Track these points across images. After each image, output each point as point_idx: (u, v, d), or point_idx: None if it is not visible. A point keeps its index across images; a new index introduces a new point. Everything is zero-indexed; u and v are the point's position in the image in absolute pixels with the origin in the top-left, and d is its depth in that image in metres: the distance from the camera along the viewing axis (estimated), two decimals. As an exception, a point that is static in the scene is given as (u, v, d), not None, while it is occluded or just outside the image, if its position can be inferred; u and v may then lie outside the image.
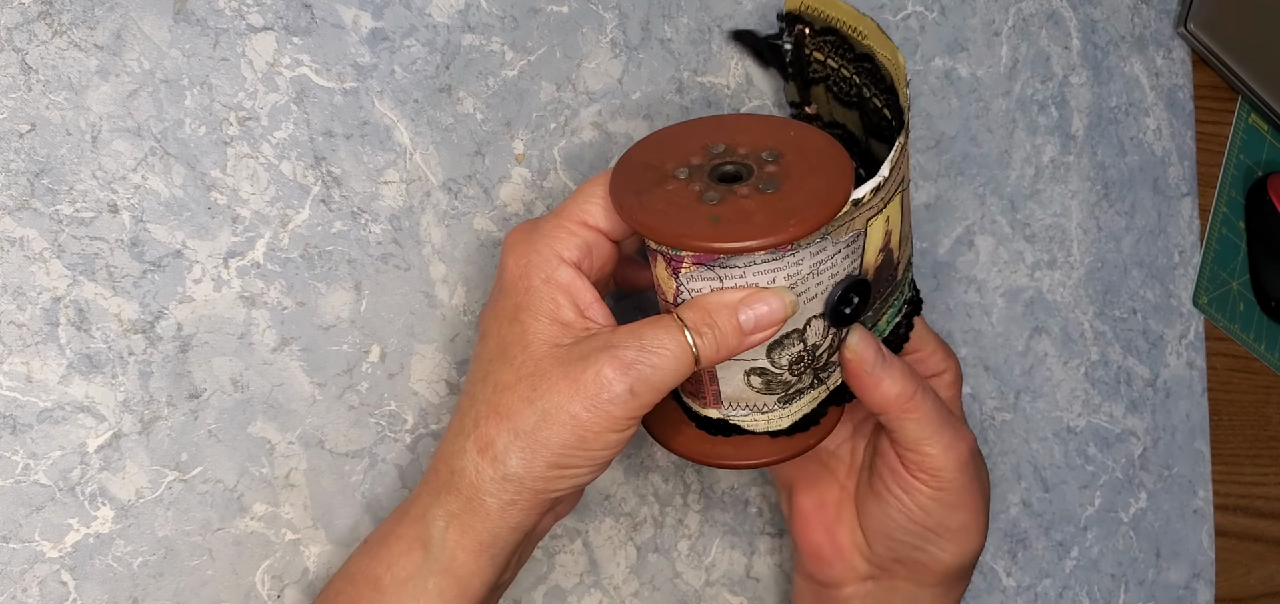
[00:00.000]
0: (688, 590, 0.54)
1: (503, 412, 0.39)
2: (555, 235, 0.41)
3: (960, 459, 0.44)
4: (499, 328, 0.41)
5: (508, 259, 0.41)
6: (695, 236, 0.38)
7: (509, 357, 0.40)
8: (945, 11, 0.62)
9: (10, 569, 0.42)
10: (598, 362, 0.38)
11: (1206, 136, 0.71)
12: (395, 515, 0.41)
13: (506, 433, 0.39)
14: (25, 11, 0.43)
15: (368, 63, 0.48)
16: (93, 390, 0.43)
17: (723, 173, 0.41)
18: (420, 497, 0.41)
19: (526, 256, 0.41)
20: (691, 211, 0.39)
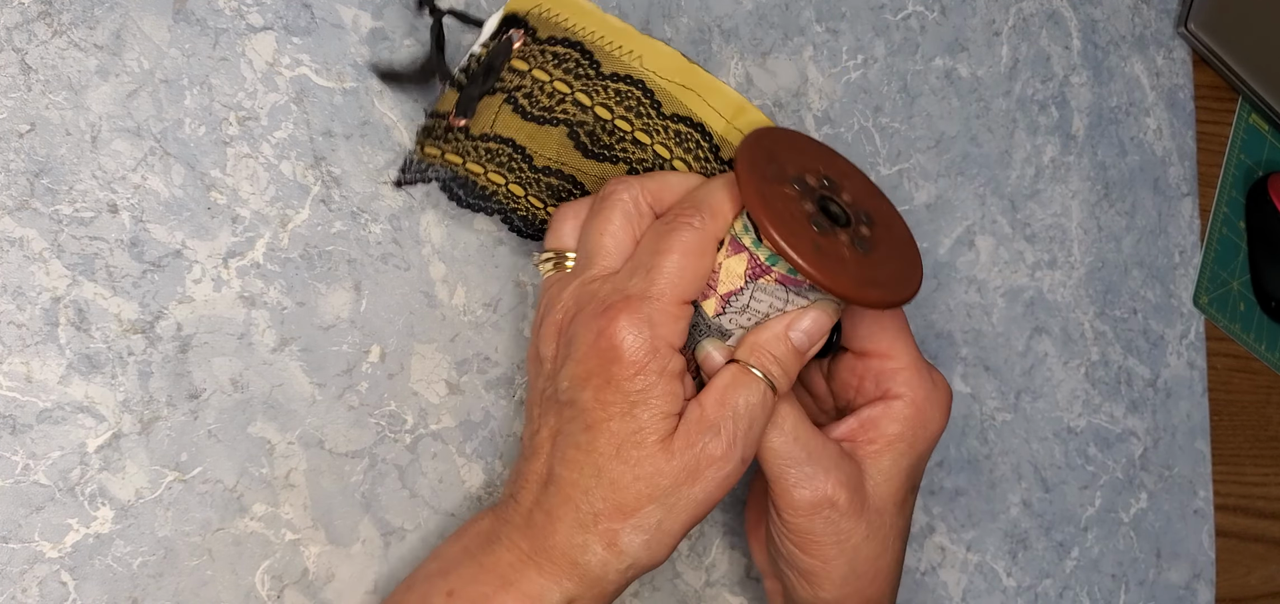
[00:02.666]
0: (688, 590, 0.54)
1: (627, 511, 0.40)
2: (671, 324, 0.40)
3: (797, 503, 0.42)
4: (610, 421, 0.40)
5: (625, 345, 0.39)
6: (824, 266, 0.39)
7: (624, 455, 0.40)
8: (945, 11, 0.62)
9: (10, 569, 0.42)
10: (707, 448, 0.40)
11: (1207, 136, 0.71)
12: (492, 576, 0.40)
13: (632, 530, 0.40)
14: (25, 11, 0.43)
15: (368, 62, 0.48)
16: (92, 390, 0.43)
17: (829, 209, 0.42)
18: (531, 576, 0.40)
19: (644, 347, 0.39)
20: (803, 231, 0.40)
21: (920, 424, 0.44)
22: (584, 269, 0.43)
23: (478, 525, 0.43)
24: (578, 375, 0.41)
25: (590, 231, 0.43)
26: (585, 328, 0.41)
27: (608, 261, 0.42)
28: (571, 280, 0.43)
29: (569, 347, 0.41)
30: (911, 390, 0.44)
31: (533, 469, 0.42)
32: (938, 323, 0.61)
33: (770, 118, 0.54)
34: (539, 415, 0.43)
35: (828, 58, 0.59)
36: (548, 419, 0.42)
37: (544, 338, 0.43)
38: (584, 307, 0.41)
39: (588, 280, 0.42)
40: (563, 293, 0.43)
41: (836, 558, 0.43)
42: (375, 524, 0.47)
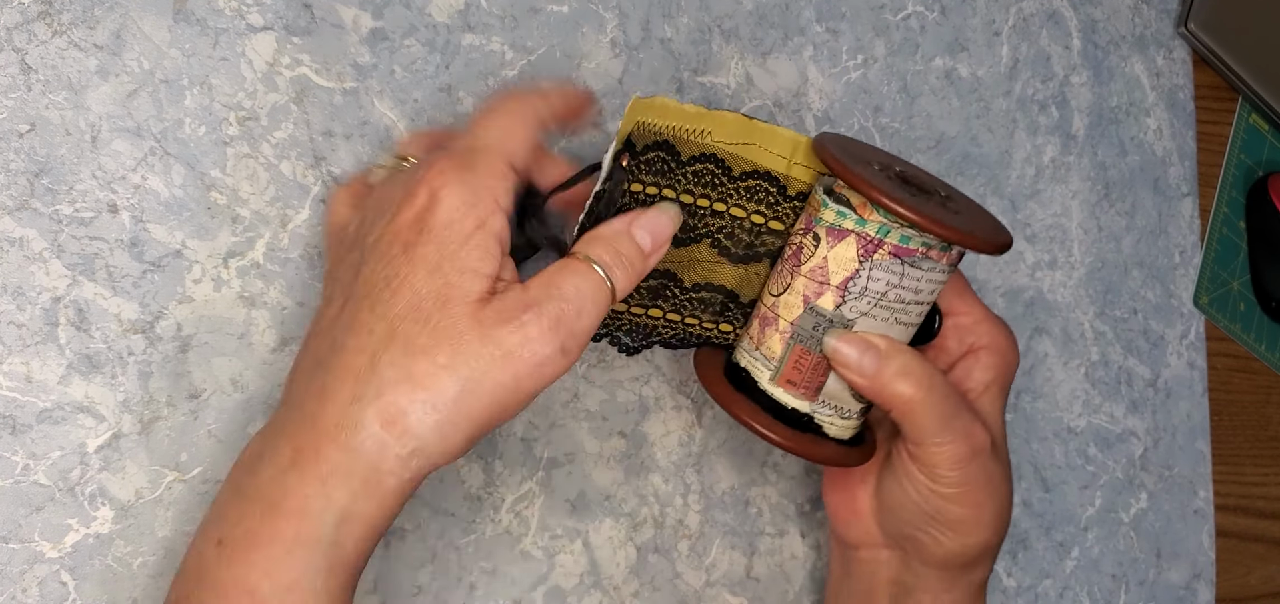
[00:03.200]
0: (688, 591, 0.54)
1: (417, 380, 0.34)
2: (493, 180, 0.36)
3: (958, 456, 0.44)
4: (415, 276, 0.35)
5: (443, 194, 0.36)
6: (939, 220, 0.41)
7: (424, 314, 0.35)
8: (945, 11, 0.62)
9: (10, 569, 0.42)
10: (523, 325, 0.35)
11: (1207, 136, 0.71)
12: (256, 505, 0.35)
13: (422, 405, 0.34)
14: (25, 11, 0.43)
15: (368, 63, 0.48)
16: (92, 390, 0.43)
17: (908, 183, 0.44)
18: (292, 485, 0.34)
19: (466, 195, 0.36)
20: (903, 194, 0.42)
21: (1005, 364, 0.47)
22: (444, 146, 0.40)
23: (248, 447, 0.37)
24: (386, 232, 0.36)
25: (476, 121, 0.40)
26: (401, 186, 0.37)
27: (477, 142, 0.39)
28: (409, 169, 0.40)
29: (381, 206, 0.38)
30: (991, 337, 0.47)
31: (309, 350, 0.37)
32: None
33: (772, 120, 0.54)
34: (333, 293, 0.38)
35: (828, 58, 0.59)
36: (340, 290, 0.38)
37: (351, 207, 0.40)
38: (403, 174, 0.39)
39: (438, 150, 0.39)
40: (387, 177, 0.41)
41: (988, 501, 0.45)
42: (375, 524, 0.47)
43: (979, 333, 0.47)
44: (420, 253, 0.35)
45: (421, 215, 0.36)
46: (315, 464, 0.34)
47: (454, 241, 0.35)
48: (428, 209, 0.36)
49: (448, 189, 0.36)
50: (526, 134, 0.39)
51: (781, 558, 0.56)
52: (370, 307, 0.35)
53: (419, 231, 0.36)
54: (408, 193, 0.37)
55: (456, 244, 0.35)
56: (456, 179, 0.36)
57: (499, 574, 0.49)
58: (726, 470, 0.55)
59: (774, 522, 0.56)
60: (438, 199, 0.36)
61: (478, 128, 0.39)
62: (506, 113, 0.39)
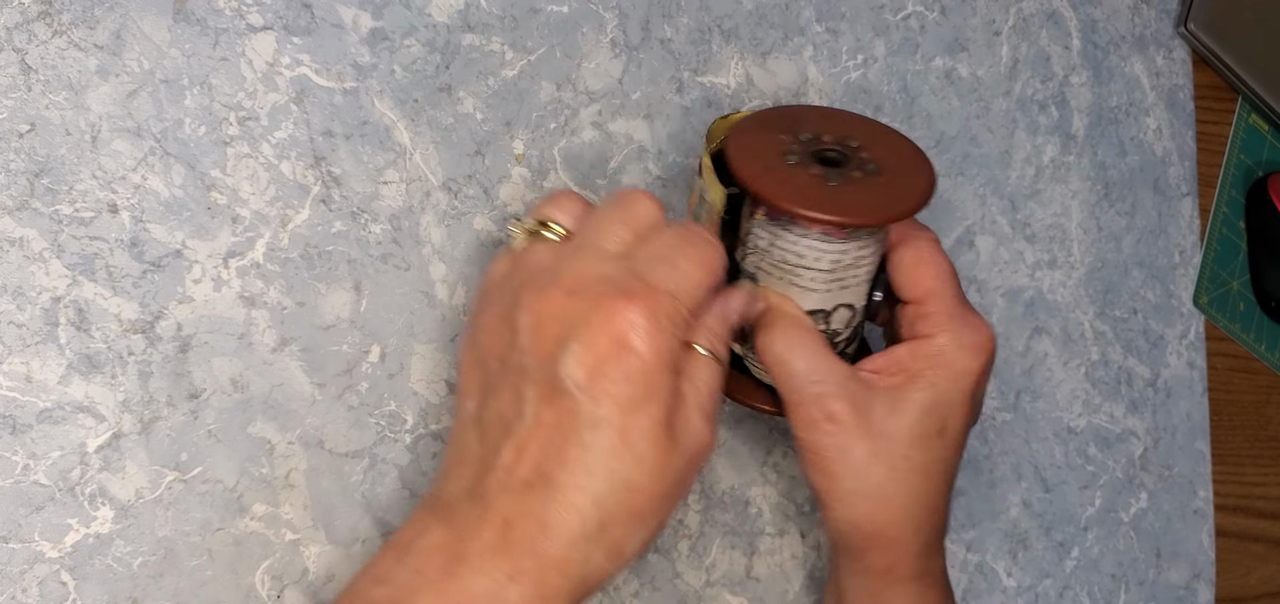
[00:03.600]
0: (688, 590, 0.54)
1: (639, 515, 0.37)
2: (683, 327, 0.39)
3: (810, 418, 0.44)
4: (623, 421, 0.37)
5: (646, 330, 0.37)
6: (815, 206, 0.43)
7: (640, 457, 0.37)
8: (945, 11, 0.62)
9: (10, 569, 0.42)
10: (703, 435, 0.39)
11: (1207, 136, 0.71)
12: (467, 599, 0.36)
13: (639, 533, 0.38)
14: (25, 11, 0.43)
15: (368, 62, 0.48)
16: (92, 390, 0.43)
17: (823, 156, 0.45)
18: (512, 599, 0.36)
19: (666, 341, 0.38)
20: (770, 168, 0.44)
21: (944, 364, 0.45)
22: (590, 244, 0.40)
23: (427, 538, 0.37)
24: (587, 361, 0.37)
25: (609, 217, 0.41)
26: (599, 310, 0.37)
27: (617, 246, 0.40)
28: (568, 252, 0.40)
29: (570, 326, 0.37)
30: (940, 331, 0.45)
31: (514, 470, 0.37)
32: (938, 323, 0.61)
33: None
34: (524, 410, 0.38)
35: (828, 58, 0.59)
36: (525, 396, 0.38)
37: (520, 305, 0.39)
38: (595, 285, 0.38)
39: (600, 255, 0.39)
40: (553, 262, 0.40)
41: (842, 475, 0.44)
42: (375, 524, 0.47)
43: (930, 324, 0.45)
44: (625, 398, 0.37)
45: (623, 354, 0.37)
46: (539, 586, 0.36)
47: (652, 384, 0.37)
48: (628, 350, 0.37)
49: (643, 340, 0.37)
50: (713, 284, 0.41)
51: (781, 558, 0.56)
52: (580, 445, 0.37)
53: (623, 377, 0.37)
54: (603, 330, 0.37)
55: (654, 387, 0.37)
56: (648, 329, 0.37)
57: None
58: (726, 470, 0.55)
59: (774, 522, 0.56)
60: (634, 350, 0.37)
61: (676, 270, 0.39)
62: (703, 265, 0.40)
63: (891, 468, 0.44)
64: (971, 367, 0.45)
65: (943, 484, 0.46)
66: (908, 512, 0.45)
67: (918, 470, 0.45)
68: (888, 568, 0.46)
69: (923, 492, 0.45)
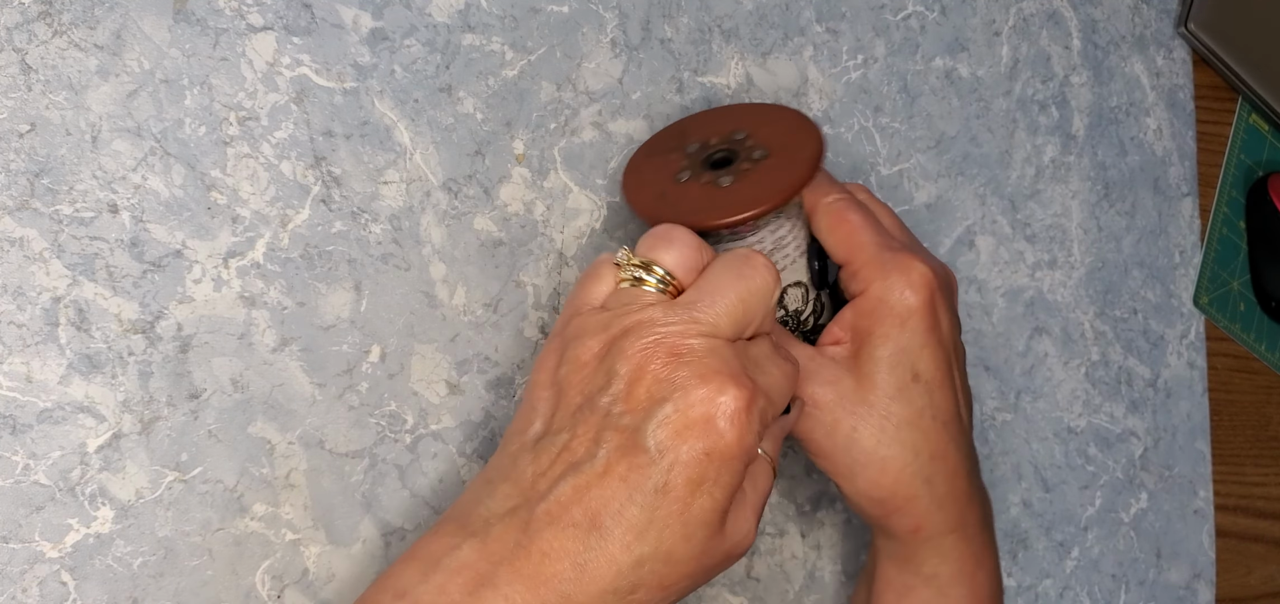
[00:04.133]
0: (688, 591, 0.54)
1: (666, 585, 0.38)
2: (763, 430, 0.39)
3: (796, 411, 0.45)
4: (686, 494, 0.37)
5: (737, 438, 0.37)
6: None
7: (689, 534, 0.37)
8: (945, 11, 0.62)
9: (10, 569, 0.42)
10: (748, 530, 0.40)
11: (1207, 136, 0.71)
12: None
13: (659, 600, 0.38)
14: (25, 11, 0.43)
15: (368, 63, 0.48)
16: (93, 390, 0.43)
17: (713, 159, 0.47)
18: None
19: (750, 439, 0.38)
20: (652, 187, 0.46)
21: (885, 312, 0.45)
22: (706, 315, 0.39)
23: (456, 557, 0.37)
24: (675, 427, 0.37)
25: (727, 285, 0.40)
26: (703, 384, 0.37)
27: (730, 326, 0.40)
28: (682, 314, 0.39)
29: (667, 388, 0.37)
30: (871, 282, 0.45)
31: (560, 500, 0.37)
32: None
33: None
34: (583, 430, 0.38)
35: (828, 58, 0.59)
36: (604, 442, 0.38)
37: (621, 353, 0.38)
38: (705, 360, 0.38)
39: (714, 330, 0.39)
40: (664, 319, 0.39)
41: (835, 452, 0.45)
42: (375, 524, 0.47)
43: (859, 280, 0.46)
44: (697, 473, 0.37)
45: (711, 434, 0.37)
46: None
47: (727, 473, 0.38)
48: (717, 434, 0.37)
49: (736, 431, 0.37)
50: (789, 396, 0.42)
51: (781, 558, 0.56)
52: (638, 505, 0.37)
53: (704, 453, 0.37)
54: (708, 399, 0.37)
55: (728, 475, 0.38)
56: (743, 422, 0.38)
57: (499, 574, 0.49)
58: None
59: (774, 522, 0.56)
60: (724, 436, 0.37)
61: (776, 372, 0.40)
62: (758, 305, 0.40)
63: (878, 430, 0.45)
64: (912, 303, 0.45)
65: (941, 429, 0.45)
66: (911, 467, 0.45)
67: (906, 423, 0.45)
68: (913, 528, 0.46)
69: (919, 443, 0.45)
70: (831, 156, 0.58)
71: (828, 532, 0.57)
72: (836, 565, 0.57)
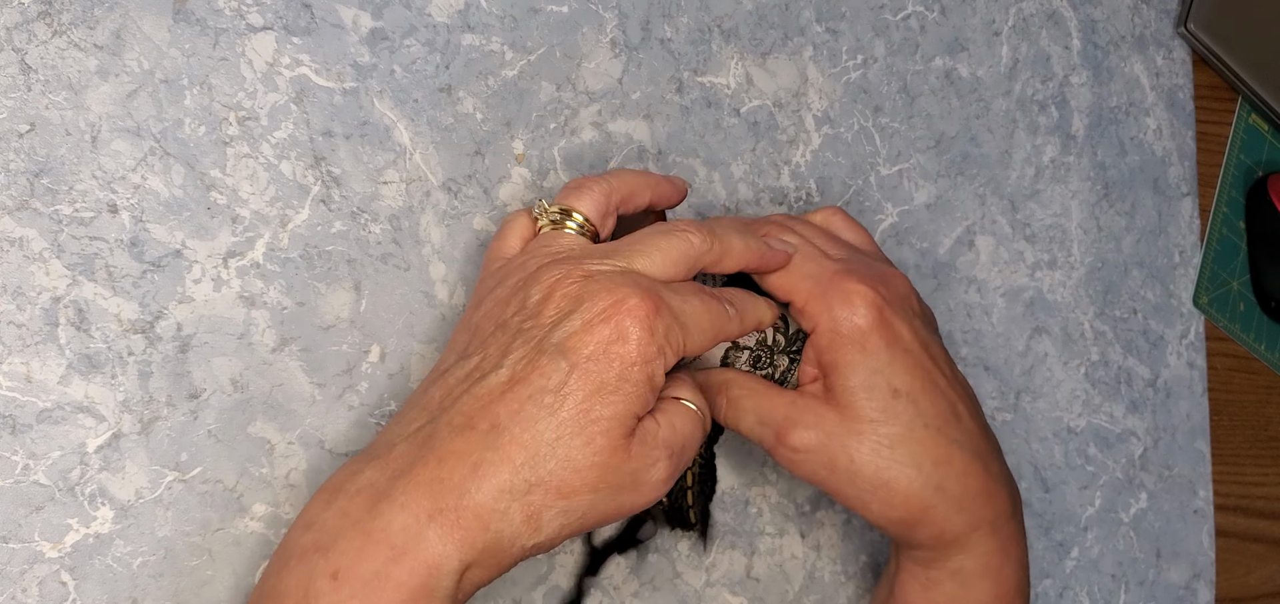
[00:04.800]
0: (688, 590, 0.54)
1: (565, 492, 0.38)
2: (675, 353, 0.40)
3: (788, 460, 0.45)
4: (588, 396, 0.38)
5: (639, 339, 0.39)
6: None
7: (589, 437, 0.38)
8: (945, 11, 0.62)
9: (10, 569, 0.42)
10: (657, 465, 0.39)
11: (1206, 136, 0.71)
12: (381, 547, 0.36)
13: (558, 513, 0.38)
14: (25, 11, 0.43)
15: (368, 63, 0.48)
16: (92, 390, 0.43)
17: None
18: (431, 540, 0.36)
19: (652, 350, 0.39)
20: None
21: (840, 341, 0.45)
22: (624, 252, 0.42)
23: (357, 480, 0.37)
24: (580, 335, 0.38)
25: (652, 241, 0.42)
26: (611, 295, 0.39)
27: (647, 268, 0.42)
28: (598, 251, 0.42)
29: (578, 303, 0.39)
30: (817, 318, 0.45)
31: (459, 404, 0.38)
32: (938, 323, 0.61)
33: (771, 120, 0.54)
34: (495, 357, 0.39)
35: (828, 58, 0.59)
36: (506, 359, 0.39)
37: (536, 280, 0.40)
38: (616, 279, 0.40)
39: (628, 267, 0.41)
40: (581, 253, 0.42)
41: (842, 484, 0.45)
42: (375, 524, 0.47)
43: (807, 317, 0.46)
44: (598, 374, 0.38)
45: (615, 340, 0.38)
46: (457, 529, 0.36)
47: (629, 381, 0.38)
48: (614, 341, 0.38)
49: (638, 333, 0.38)
50: (715, 341, 0.42)
51: (781, 558, 0.56)
52: (538, 404, 0.38)
53: (605, 355, 0.38)
54: (607, 311, 0.39)
55: (630, 384, 0.38)
56: (647, 327, 0.39)
57: (499, 574, 0.49)
58: (726, 470, 0.55)
59: (774, 522, 0.56)
60: (626, 339, 0.38)
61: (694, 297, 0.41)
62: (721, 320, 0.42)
63: (875, 454, 0.45)
64: (861, 323, 0.45)
65: (937, 435, 0.45)
66: (918, 481, 0.45)
67: (900, 440, 0.45)
68: (938, 535, 0.46)
69: (919, 455, 0.45)
70: (831, 156, 0.58)
71: (827, 532, 0.57)
72: (836, 565, 0.57)
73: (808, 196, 0.58)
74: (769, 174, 0.57)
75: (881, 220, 0.60)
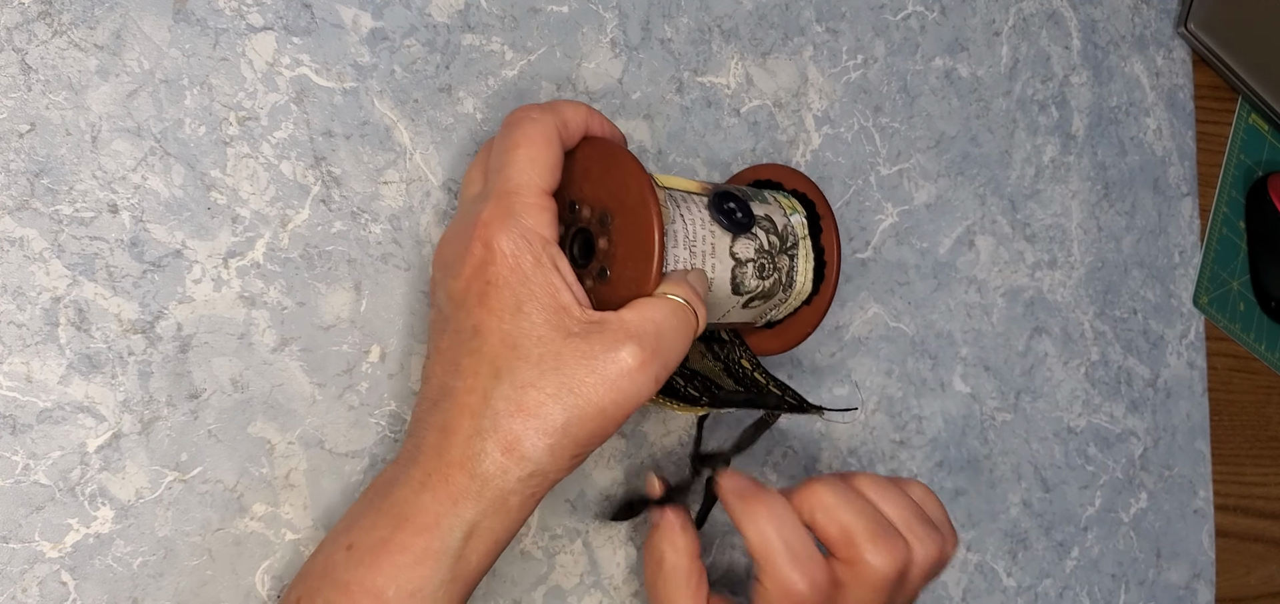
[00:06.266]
0: (688, 591, 0.54)
1: (529, 409, 0.38)
2: (536, 215, 0.40)
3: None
4: (500, 322, 0.39)
5: (496, 244, 0.39)
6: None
7: (523, 352, 0.38)
8: (945, 11, 0.62)
9: (10, 569, 0.42)
10: (621, 353, 0.39)
11: (1206, 136, 0.71)
12: (388, 517, 0.39)
13: (534, 431, 0.38)
14: (25, 11, 0.43)
15: (368, 63, 0.48)
16: (92, 390, 0.43)
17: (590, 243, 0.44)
18: (426, 503, 0.38)
19: (516, 240, 0.39)
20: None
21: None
22: (491, 181, 0.42)
23: (383, 472, 0.41)
24: (457, 290, 0.40)
25: (501, 148, 0.42)
26: (458, 241, 0.41)
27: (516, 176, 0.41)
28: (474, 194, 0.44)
29: (446, 264, 0.42)
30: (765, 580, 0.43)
31: (425, 395, 0.41)
32: (938, 323, 0.61)
33: (771, 120, 0.54)
34: (433, 345, 0.42)
35: (828, 58, 0.59)
36: (436, 341, 0.42)
37: (433, 268, 0.43)
38: (457, 225, 0.42)
39: (464, 202, 0.43)
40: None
41: None
42: (375, 524, 0.47)
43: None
44: (495, 301, 0.39)
45: (481, 267, 0.40)
46: (445, 487, 0.38)
47: (521, 282, 0.39)
48: (485, 261, 0.40)
49: (497, 238, 0.39)
50: (551, 156, 0.41)
51: (781, 558, 0.56)
52: (468, 353, 0.39)
53: (486, 283, 0.39)
54: (466, 247, 0.40)
55: (524, 283, 0.39)
56: (503, 228, 0.40)
57: (499, 574, 0.49)
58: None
59: (774, 522, 0.56)
60: (493, 249, 0.39)
61: (506, 167, 0.41)
62: (528, 142, 0.41)
63: None
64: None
65: None
66: None
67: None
68: None
69: None
70: (831, 156, 0.58)
71: (827, 532, 0.57)
72: (836, 565, 0.57)
73: (808, 196, 0.58)
74: (769, 174, 0.57)
75: (881, 220, 0.60)
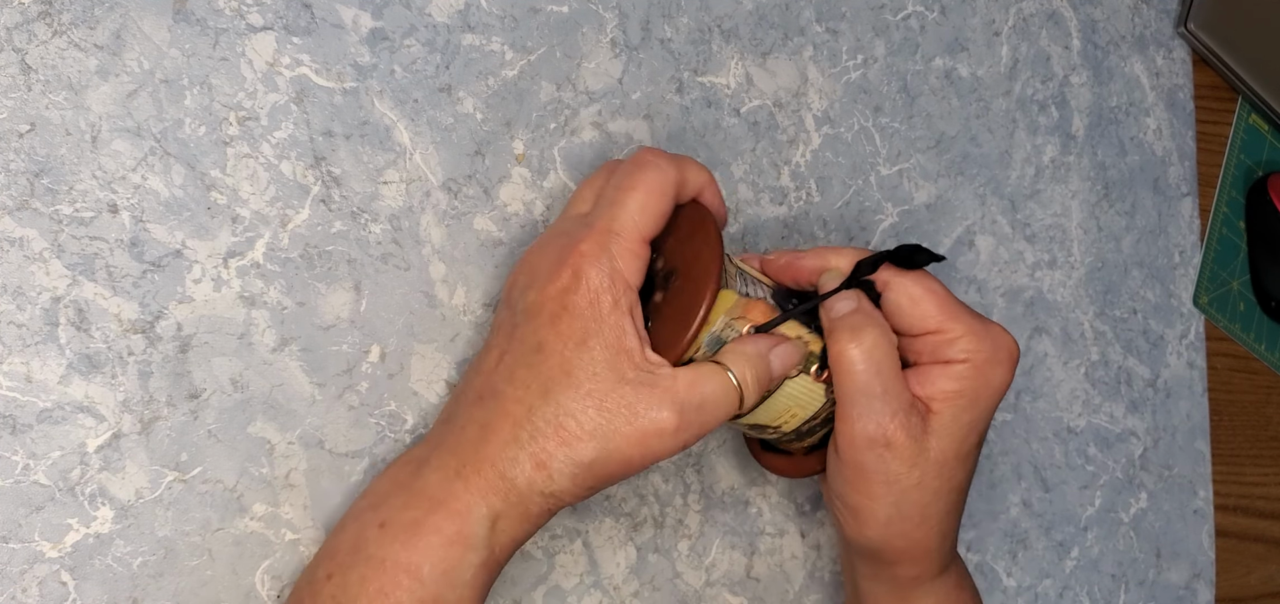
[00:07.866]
0: (688, 590, 0.54)
1: (565, 438, 0.40)
2: (629, 260, 0.41)
3: (865, 437, 0.44)
4: (563, 348, 0.40)
5: (585, 275, 0.41)
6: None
7: (576, 382, 0.40)
8: (945, 11, 0.62)
9: (10, 569, 0.42)
10: (662, 413, 0.40)
11: (1206, 136, 0.71)
12: (422, 499, 0.40)
13: (563, 458, 0.40)
14: (25, 11, 0.43)
15: (368, 63, 0.48)
16: (92, 390, 0.43)
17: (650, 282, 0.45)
18: (458, 491, 0.40)
19: (603, 278, 0.41)
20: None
21: (981, 382, 0.45)
22: (566, 213, 0.45)
23: (409, 454, 0.43)
24: (535, 301, 0.42)
25: (616, 187, 0.43)
26: (549, 257, 0.42)
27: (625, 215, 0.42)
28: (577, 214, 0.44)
29: (532, 274, 0.42)
30: (970, 354, 0.45)
31: (472, 386, 0.42)
32: (938, 323, 0.61)
33: (771, 120, 0.54)
34: (493, 342, 0.43)
35: (828, 58, 0.59)
36: (499, 342, 0.43)
37: (515, 270, 0.44)
38: (554, 239, 0.43)
39: (564, 218, 0.45)
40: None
41: (883, 498, 0.45)
42: (375, 524, 0.47)
43: (957, 348, 0.45)
44: (566, 327, 0.41)
45: (564, 292, 0.41)
46: (478, 478, 0.40)
47: (595, 318, 0.41)
48: (569, 288, 0.41)
49: (589, 271, 0.41)
50: (662, 208, 0.43)
51: (781, 558, 0.56)
52: (526, 365, 0.41)
53: (562, 307, 0.41)
54: (555, 267, 0.41)
55: (597, 319, 0.41)
56: (595, 263, 0.41)
57: (499, 574, 0.49)
58: (726, 470, 0.55)
59: (774, 522, 0.56)
60: (580, 279, 0.41)
61: (617, 204, 0.42)
62: (646, 189, 0.42)
63: (935, 493, 0.45)
64: (1002, 378, 0.46)
65: (968, 491, 0.48)
66: (941, 526, 0.46)
67: (958, 488, 0.46)
68: (916, 576, 0.47)
69: (956, 505, 0.47)
70: (831, 156, 0.58)
71: (827, 531, 0.57)
72: (836, 566, 0.57)
73: (808, 197, 0.58)
74: (769, 174, 0.57)
75: (881, 220, 0.60)
